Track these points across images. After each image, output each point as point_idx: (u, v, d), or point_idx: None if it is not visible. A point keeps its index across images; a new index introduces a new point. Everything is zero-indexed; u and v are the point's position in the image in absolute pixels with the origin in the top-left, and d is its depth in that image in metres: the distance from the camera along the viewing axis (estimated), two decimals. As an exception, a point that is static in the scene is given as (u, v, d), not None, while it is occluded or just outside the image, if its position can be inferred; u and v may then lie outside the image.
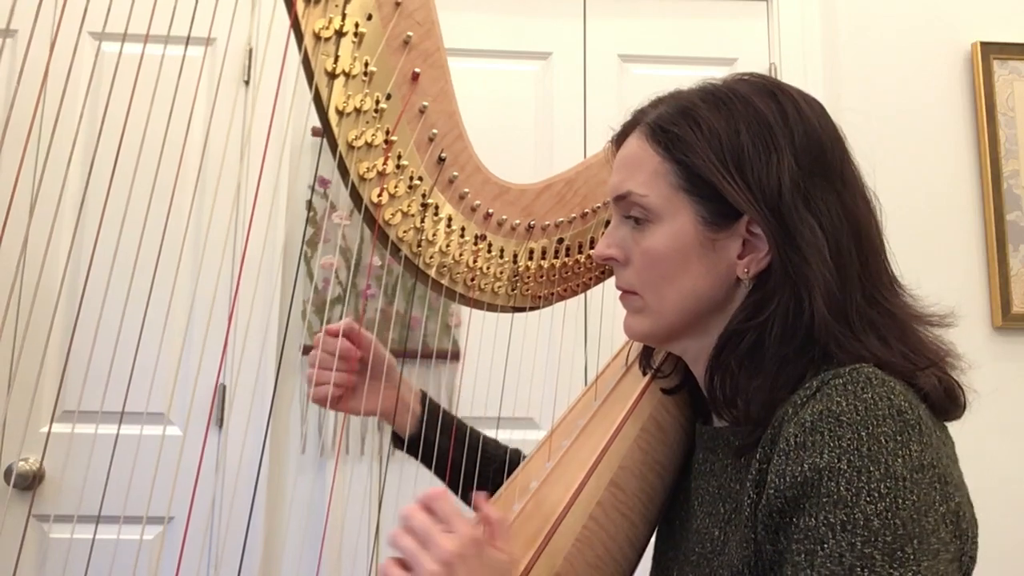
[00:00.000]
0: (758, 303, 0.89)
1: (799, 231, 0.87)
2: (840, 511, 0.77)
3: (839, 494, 0.77)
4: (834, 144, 0.93)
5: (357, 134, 1.02)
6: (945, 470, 0.77)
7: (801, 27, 2.53)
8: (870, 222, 0.93)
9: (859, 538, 0.75)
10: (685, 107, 0.94)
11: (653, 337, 1.00)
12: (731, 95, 0.93)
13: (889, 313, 0.89)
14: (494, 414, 2.11)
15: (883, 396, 0.79)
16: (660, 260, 0.93)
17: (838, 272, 0.87)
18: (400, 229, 1.08)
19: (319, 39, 0.98)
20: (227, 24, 2.28)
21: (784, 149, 0.89)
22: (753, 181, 0.88)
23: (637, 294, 0.97)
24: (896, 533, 0.74)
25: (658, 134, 0.94)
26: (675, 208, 0.92)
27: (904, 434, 0.77)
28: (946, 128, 2.52)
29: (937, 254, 2.46)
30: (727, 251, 0.92)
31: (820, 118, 0.93)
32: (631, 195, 0.95)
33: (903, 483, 0.75)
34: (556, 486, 1.05)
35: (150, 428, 2.02)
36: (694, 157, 0.90)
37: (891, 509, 0.75)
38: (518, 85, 2.49)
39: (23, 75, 1.07)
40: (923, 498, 0.75)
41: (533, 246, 1.17)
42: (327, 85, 0.99)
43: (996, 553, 2.33)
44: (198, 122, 2.19)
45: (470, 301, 1.17)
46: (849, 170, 0.94)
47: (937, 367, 0.88)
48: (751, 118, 0.90)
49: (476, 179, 1.12)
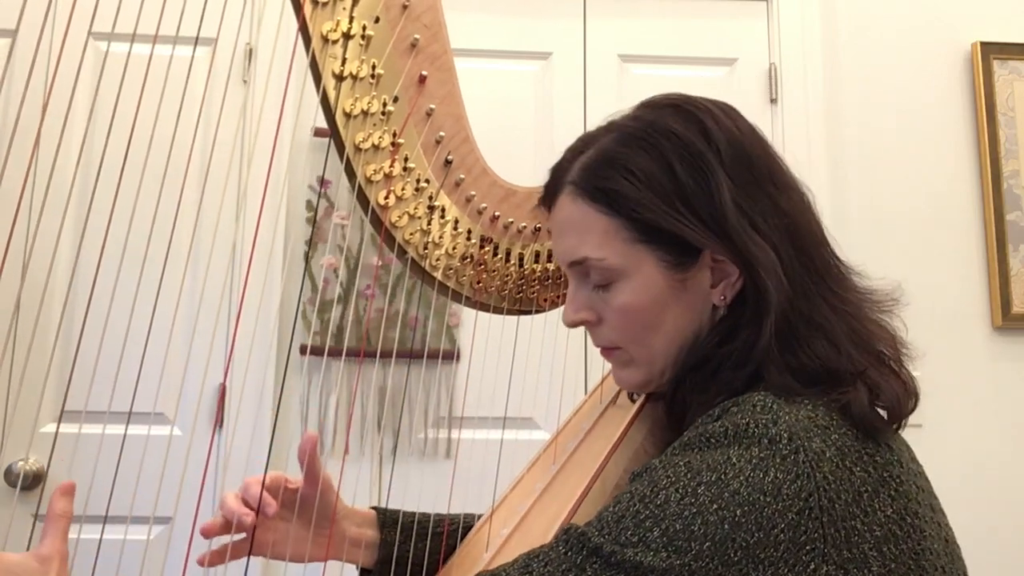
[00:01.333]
0: (729, 329, 0.89)
1: (753, 254, 0.86)
2: (648, 487, 0.78)
3: (655, 475, 0.79)
4: (757, 146, 0.91)
5: (364, 136, 1.02)
6: (824, 502, 0.75)
7: (801, 27, 2.53)
8: (808, 216, 0.92)
9: (645, 503, 0.76)
10: (611, 156, 0.91)
11: (650, 384, 0.98)
12: (649, 130, 0.90)
13: (837, 310, 0.88)
14: (494, 414, 2.12)
15: (757, 423, 0.78)
16: (637, 314, 0.91)
17: (791, 287, 0.86)
18: (407, 231, 1.08)
19: (327, 41, 0.98)
20: (227, 24, 2.27)
21: (716, 169, 0.87)
22: (704, 213, 0.87)
23: (620, 348, 0.96)
24: (687, 525, 0.74)
25: (595, 193, 0.91)
26: (636, 261, 0.90)
27: (765, 460, 0.75)
28: (946, 128, 2.52)
29: (937, 254, 2.46)
30: (699, 285, 0.90)
31: (738, 123, 0.92)
32: (588, 260, 0.92)
33: (727, 494, 0.74)
34: (561, 491, 1.05)
35: (151, 429, 2.02)
36: (641, 209, 0.88)
37: (695, 505, 0.74)
38: (518, 85, 2.49)
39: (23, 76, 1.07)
40: (747, 517, 0.73)
41: (539, 249, 1.17)
42: (334, 87, 0.99)
43: (996, 553, 2.35)
44: (199, 123, 2.18)
45: (475, 304, 1.17)
46: (776, 168, 0.92)
47: (881, 364, 0.87)
48: (678, 149, 0.88)
49: (483, 181, 1.11)
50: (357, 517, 1.17)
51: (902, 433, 0.90)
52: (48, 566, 0.78)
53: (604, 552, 0.75)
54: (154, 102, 1.03)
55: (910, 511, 0.80)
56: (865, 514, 0.77)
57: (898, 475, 0.81)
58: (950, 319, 2.43)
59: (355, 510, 1.17)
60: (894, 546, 0.78)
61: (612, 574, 0.74)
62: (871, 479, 0.79)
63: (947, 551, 0.85)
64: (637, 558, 0.74)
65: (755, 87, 2.52)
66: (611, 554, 0.75)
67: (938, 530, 0.85)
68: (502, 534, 1.05)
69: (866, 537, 0.76)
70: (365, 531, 1.16)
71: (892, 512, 0.79)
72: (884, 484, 0.79)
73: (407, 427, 2.32)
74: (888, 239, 2.43)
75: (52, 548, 0.79)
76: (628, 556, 0.74)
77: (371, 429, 2.31)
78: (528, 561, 0.78)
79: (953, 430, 2.38)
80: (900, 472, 0.82)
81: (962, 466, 2.35)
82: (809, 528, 0.73)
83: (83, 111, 2.15)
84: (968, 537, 0.99)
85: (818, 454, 0.76)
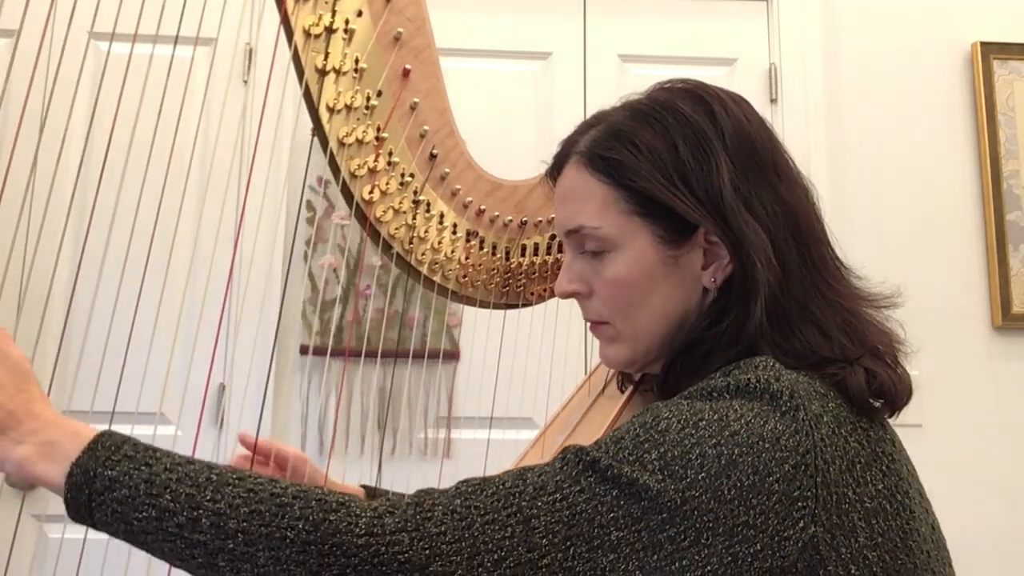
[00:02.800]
0: (719, 311, 0.89)
1: (745, 235, 0.86)
2: (650, 416, 0.79)
3: (658, 411, 0.80)
4: (764, 137, 0.92)
5: (348, 131, 1.02)
6: (820, 463, 0.75)
7: (801, 27, 2.53)
8: (809, 210, 0.92)
9: (646, 428, 0.77)
10: (617, 130, 0.92)
11: (634, 363, 0.98)
12: (658, 108, 0.92)
13: (831, 302, 0.88)
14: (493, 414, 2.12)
15: (759, 379, 0.79)
16: (627, 287, 0.92)
17: (783, 272, 0.86)
18: (392, 226, 1.08)
19: (309, 36, 0.98)
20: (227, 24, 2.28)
21: (719, 152, 0.88)
22: (700, 191, 0.88)
23: (608, 323, 0.96)
24: (684, 452, 0.74)
25: (597, 162, 0.92)
26: (631, 233, 0.91)
27: (765, 412, 0.77)
28: (946, 128, 2.52)
29: (937, 254, 2.45)
30: (691, 264, 0.91)
31: (747, 113, 0.93)
32: (583, 229, 0.93)
33: (727, 432, 0.75)
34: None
35: (149, 428, 2.01)
36: (640, 180, 0.89)
37: (695, 436, 0.75)
38: (518, 85, 2.49)
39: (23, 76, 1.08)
40: (744, 458, 0.74)
41: (525, 242, 1.17)
42: (317, 82, 0.99)
43: (996, 553, 2.34)
44: (197, 122, 2.19)
45: (462, 298, 1.17)
46: (782, 160, 0.93)
47: (876, 357, 0.87)
48: (683, 128, 0.89)
49: (468, 176, 1.12)
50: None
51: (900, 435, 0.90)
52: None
53: (600, 465, 0.75)
54: (155, 102, 1.04)
55: (900, 490, 0.81)
56: (857, 484, 0.77)
57: (890, 453, 0.82)
58: (950, 319, 2.42)
59: (345, 487, 1.20)
60: (883, 521, 0.78)
61: (606, 488, 0.74)
62: (864, 451, 0.79)
63: (933, 537, 0.85)
64: (633, 475, 0.74)
65: (755, 87, 2.52)
66: (607, 467, 0.75)
67: (925, 516, 0.85)
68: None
69: (856, 507, 0.76)
70: None
71: (883, 487, 0.79)
72: (877, 459, 0.80)
73: (406, 427, 2.33)
74: (888, 239, 2.43)
75: None
76: (625, 472, 0.74)
77: (371, 429, 2.31)
78: (523, 471, 0.78)
79: (953, 430, 2.37)
80: (892, 451, 0.83)
81: (962, 466, 2.34)
82: (803, 484, 0.74)
83: (84, 111, 2.16)
84: (968, 537, 0.99)
85: (816, 416, 0.77)
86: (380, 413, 2.33)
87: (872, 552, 0.76)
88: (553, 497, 0.74)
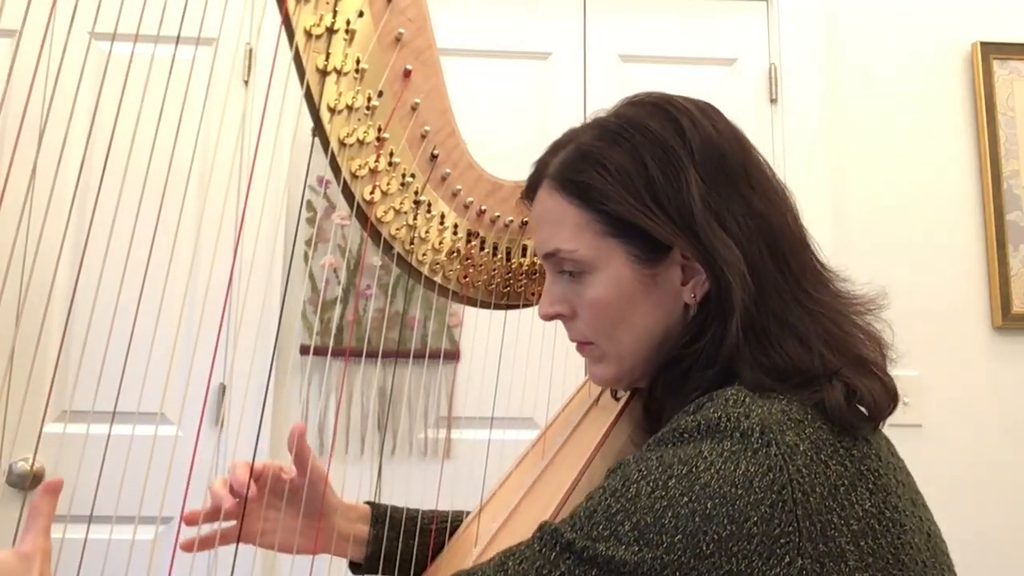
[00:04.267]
0: (697, 328, 0.89)
1: (718, 251, 0.86)
2: (619, 481, 0.79)
3: (628, 470, 0.79)
4: (734, 147, 0.92)
5: (349, 131, 1.02)
6: (799, 495, 0.74)
7: (801, 27, 2.53)
8: (785, 218, 0.92)
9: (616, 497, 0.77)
10: (586, 151, 0.92)
11: (621, 381, 0.99)
12: (626, 126, 0.91)
13: (812, 312, 0.88)
14: (493, 414, 2.12)
15: (729, 416, 0.78)
16: (607, 308, 0.92)
17: (757, 287, 0.86)
18: (393, 227, 1.08)
19: (310, 36, 0.98)
20: (227, 24, 2.29)
21: (688, 168, 0.88)
22: (671, 209, 0.87)
23: (593, 344, 0.97)
24: (657, 518, 0.74)
25: (568, 186, 0.93)
26: (606, 255, 0.91)
27: (736, 453, 0.76)
28: (946, 128, 2.52)
29: (937, 254, 2.45)
30: (669, 282, 0.91)
31: (715, 123, 0.92)
32: (560, 252, 0.93)
33: (698, 487, 0.74)
34: (549, 485, 1.05)
35: (148, 428, 2.02)
36: (610, 203, 0.89)
37: (665, 499, 0.75)
38: (518, 85, 2.49)
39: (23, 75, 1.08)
40: (718, 509, 0.73)
41: (526, 243, 1.17)
42: (319, 82, 0.99)
43: (996, 553, 2.34)
44: (198, 122, 2.19)
45: (463, 298, 1.17)
46: (754, 169, 0.92)
47: (858, 367, 0.86)
48: (652, 145, 0.89)
49: (469, 176, 1.12)
50: (350, 512, 1.18)
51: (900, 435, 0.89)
52: (30, 564, 0.77)
53: (576, 548, 0.75)
54: (155, 103, 1.04)
55: (889, 505, 0.80)
56: (842, 508, 0.76)
57: (876, 469, 0.81)
58: (950, 319, 2.42)
59: (349, 505, 1.19)
60: (872, 540, 0.77)
61: (584, 569, 0.74)
62: (848, 473, 0.78)
63: (929, 545, 0.84)
64: (609, 552, 0.74)
65: (755, 87, 2.52)
66: (583, 549, 0.75)
67: (920, 524, 0.84)
68: (491, 530, 1.05)
69: (843, 531, 0.76)
70: (357, 526, 1.18)
71: (870, 506, 0.78)
72: (862, 478, 0.79)
73: (407, 427, 2.32)
74: (888, 239, 2.43)
75: (34, 545, 0.78)
76: (600, 551, 0.74)
77: (371, 429, 2.31)
78: (504, 559, 0.79)
79: (953, 430, 2.37)
80: (879, 466, 0.82)
81: (962, 466, 2.34)
82: (783, 521, 0.73)
83: (84, 111, 2.16)
84: (967, 536, 0.99)
85: (791, 447, 0.76)
86: (380, 413, 2.33)
87: (863, 573, 0.76)
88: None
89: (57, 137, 1.04)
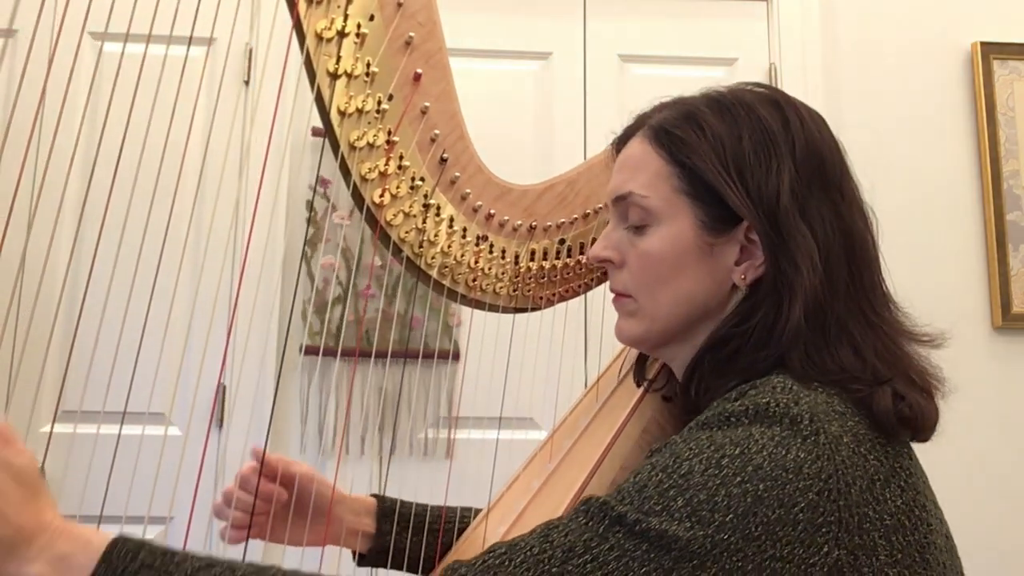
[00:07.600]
0: (748, 310, 0.89)
1: (792, 238, 0.86)
2: (670, 458, 0.78)
3: (677, 448, 0.79)
4: (834, 158, 0.93)
5: (359, 135, 1.02)
6: (842, 485, 0.75)
7: (801, 27, 2.53)
8: (865, 236, 0.92)
9: (668, 473, 0.77)
10: (689, 111, 0.94)
11: (645, 342, 0.99)
12: (735, 102, 0.93)
13: (873, 326, 0.88)
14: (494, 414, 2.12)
15: (779, 402, 0.78)
16: (657, 262, 0.93)
17: (826, 279, 0.86)
18: (402, 230, 1.08)
19: (321, 40, 0.97)
20: (227, 24, 2.28)
21: (785, 158, 0.89)
22: (753, 187, 0.88)
23: (631, 297, 0.97)
24: (711, 496, 0.74)
25: (662, 137, 0.94)
26: (675, 211, 0.92)
27: (786, 438, 0.76)
28: (946, 128, 2.52)
29: (937, 254, 2.46)
30: (724, 257, 0.91)
31: (822, 130, 0.93)
32: (632, 196, 0.94)
33: (750, 468, 0.74)
34: (558, 487, 1.05)
35: (151, 428, 2.01)
36: (697, 160, 0.90)
37: (719, 477, 0.74)
38: (518, 85, 2.49)
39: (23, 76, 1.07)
40: (769, 492, 0.73)
41: (535, 247, 1.17)
42: (329, 86, 0.99)
43: (996, 553, 2.34)
44: (198, 123, 2.18)
45: (471, 302, 1.17)
46: (848, 184, 0.93)
47: (909, 383, 0.87)
48: (754, 126, 0.90)
49: (478, 180, 1.11)
50: (356, 505, 1.20)
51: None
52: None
53: (628, 520, 0.75)
54: (155, 103, 1.04)
55: (918, 503, 0.81)
56: (877, 502, 0.77)
57: (908, 467, 0.82)
58: (950, 319, 2.41)
59: (355, 498, 1.21)
60: (902, 537, 0.78)
61: (636, 543, 0.73)
62: (883, 468, 0.79)
63: (947, 547, 0.85)
64: (662, 527, 0.73)
65: (755, 87, 2.52)
66: (635, 522, 0.74)
67: (940, 526, 0.85)
68: (498, 532, 1.05)
69: (877, 525, 0.76)
70: (362, 519, 1.20)
71: (902, 503, 0.79)
72: (895, 474, 0.80)
73: (407, 427, 2.32)
74: (888, 239, 2.40)
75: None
76: (653, 525, 0.73)
77: (371, 429, 2.31)
78: (547, 531, 0.78)
79: (953, 430, 2.36)
80: (910, 465, 0.83)
81: (962, 466, 2.34)
82: (827, 510, 0.74)
83: (81, 111, 2.15)
84: (968, 537, 0.99)
85: (836, 438, 0.77)
86: (380, 413, 2.33)
87: (892, 569, 0.76)
88: (583, 559, 0.74)
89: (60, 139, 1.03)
